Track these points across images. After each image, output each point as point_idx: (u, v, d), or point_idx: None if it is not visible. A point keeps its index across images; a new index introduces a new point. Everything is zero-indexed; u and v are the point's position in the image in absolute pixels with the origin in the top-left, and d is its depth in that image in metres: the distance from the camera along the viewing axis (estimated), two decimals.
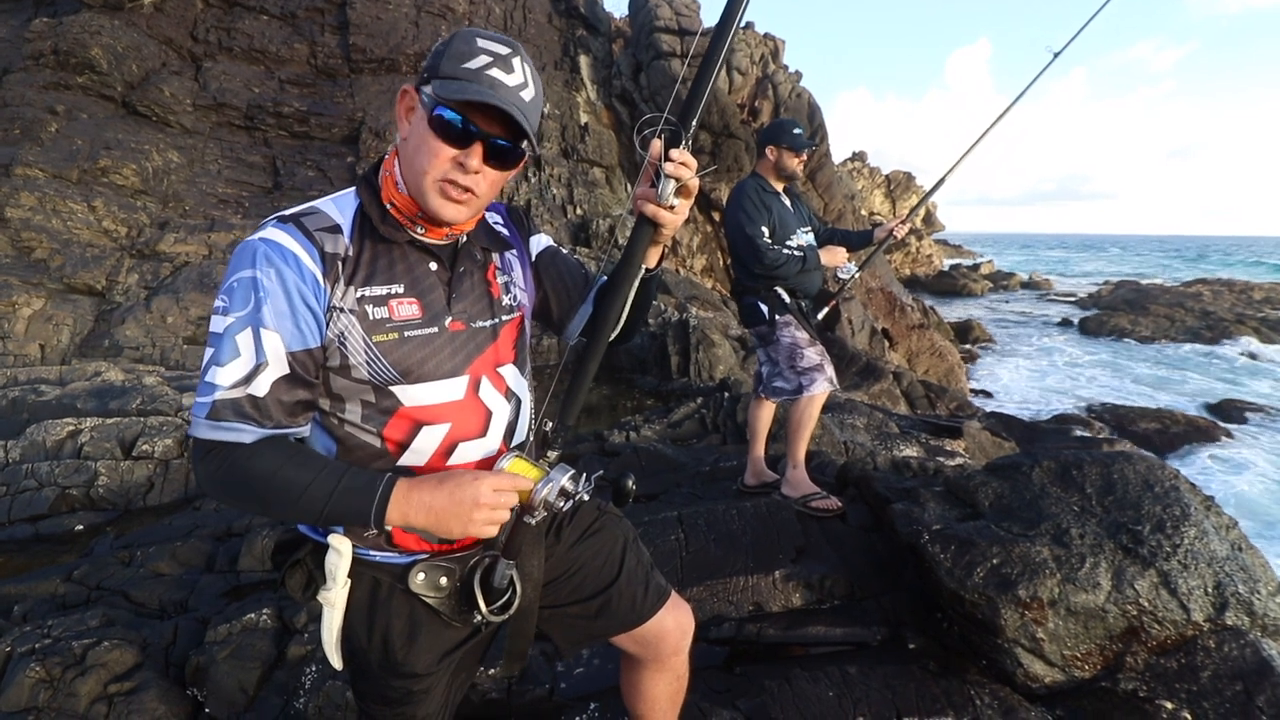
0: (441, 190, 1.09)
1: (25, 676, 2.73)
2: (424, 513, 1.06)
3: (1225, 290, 29.72)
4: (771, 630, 2.57)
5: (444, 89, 1.05)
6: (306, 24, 15.95)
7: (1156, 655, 2.12)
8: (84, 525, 5.81)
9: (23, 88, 12.79)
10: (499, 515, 1.09)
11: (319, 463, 1.08)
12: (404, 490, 1.06)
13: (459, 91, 1.04)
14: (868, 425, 5.47)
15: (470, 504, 1.05)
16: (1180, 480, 2.49)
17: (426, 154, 1.08)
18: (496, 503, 1.07)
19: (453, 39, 1.09)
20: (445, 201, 1.10)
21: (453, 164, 1.08)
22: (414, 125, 1.10)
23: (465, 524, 1.06)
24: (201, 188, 13.73)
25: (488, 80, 1.06)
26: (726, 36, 1.13)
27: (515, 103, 1.07)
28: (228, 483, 1.05)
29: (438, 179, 1.09)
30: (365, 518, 1.06)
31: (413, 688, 1.27)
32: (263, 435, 1.06)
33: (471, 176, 1.09)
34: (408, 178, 1.13)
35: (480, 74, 1.06)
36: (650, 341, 11.11)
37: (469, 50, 1.06)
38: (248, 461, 1.04)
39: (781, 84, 19.16)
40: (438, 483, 1.08)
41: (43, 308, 10.48)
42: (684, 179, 1.12)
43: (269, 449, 1.06)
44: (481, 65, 1.06)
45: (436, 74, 1.07)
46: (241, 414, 1.04)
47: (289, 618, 3.03)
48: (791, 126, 3.29)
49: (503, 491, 1.09)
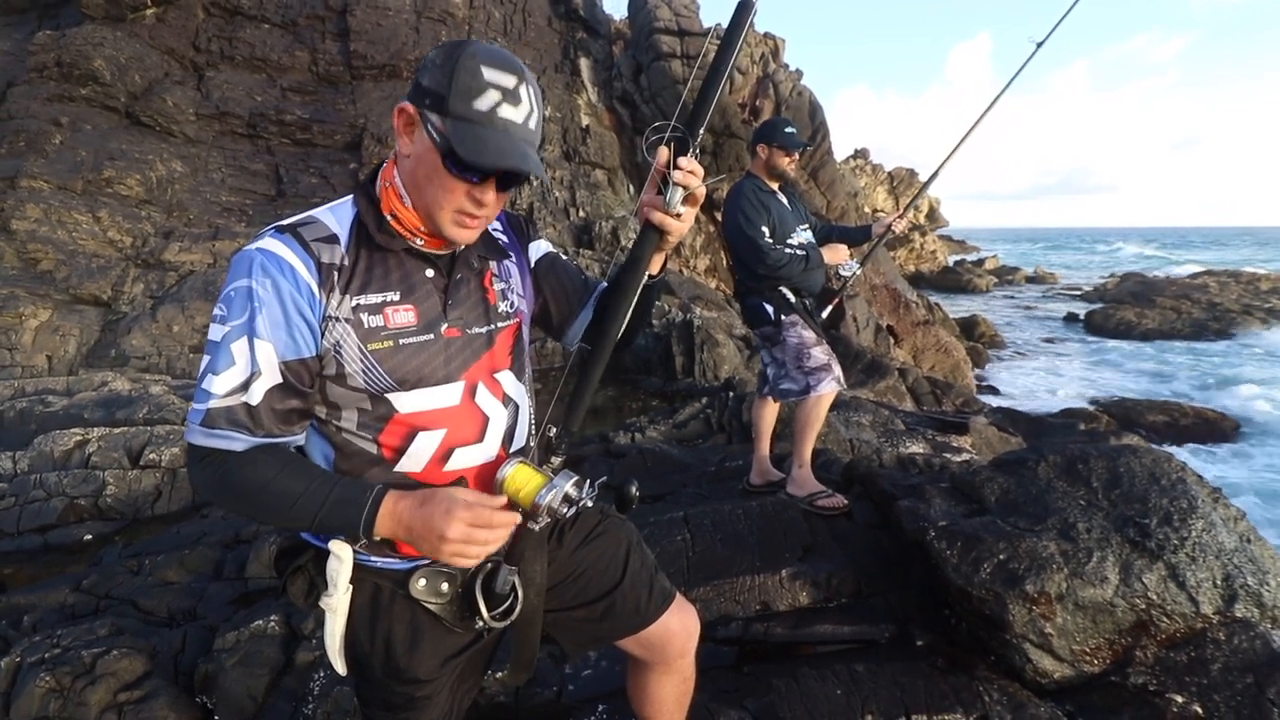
0: (457, 221, 1.12)
1: (35, 686, 2.74)
2: (406, 528, 1.07)
3: (1231, 281, 29.53)
4: (779, 629, 2.57)
5: (458, 137, 1.03)
6: (307, 32, 16.00)
7: (1166, 649, 2.11)
8: (92, 535, 5.83)
9: (27, 100, 12.86)
10: (469, 552, 1.07)
11: (312, 473, 1.09)
12: (390, 504, 1.07)
13: (476, 154, 1.02)
14: (873, 422, 5.45)
15: (437, 538, 1.05)
16: (1187, 472, 2.48)
17: (440, 189, 1.09)
18: (465, 541, 1.05)
19: (457, 65, 1.03)
20: (460, 230, 1.13)
21: (468, 198, 1.10)
22: (419, 149, 1.09)
23: (434, 553, 1.07)
24: (205, 196, 13.78)
25: (500, 124, 1.05)
26: (734, 48, 1.13)
27: (525, 141, 1.08)
28: (220, 489, 1.08)
29: (453, 211, 1.11)
30: (355, 529, 1.07)
31: (415, 693, 1.28)
32: (255, 444, 1.07)
33: (487, 207, 1.12)
34: (415, 200, 1.13)
35: (493, 117, 1.04)
36: (655, 342, 11.11)
37: (476, 85, 1.03)
38: (240, 469, 1.06)
39: (782, 83, 19.13)
40: (420, 503, 1.07)
41: (49, 319, 10.53)
42: (692, 187, 1.13)
43: (262, 457, 1.07)
44: (492, 105, 1.04)
45: (444, 110, 1.04)
46: (235, 422, 1.05)
47: (297, 624, 3.04)
48: (784, 125, 3.28)
49: (474, 534, 1.06)
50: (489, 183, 1.10)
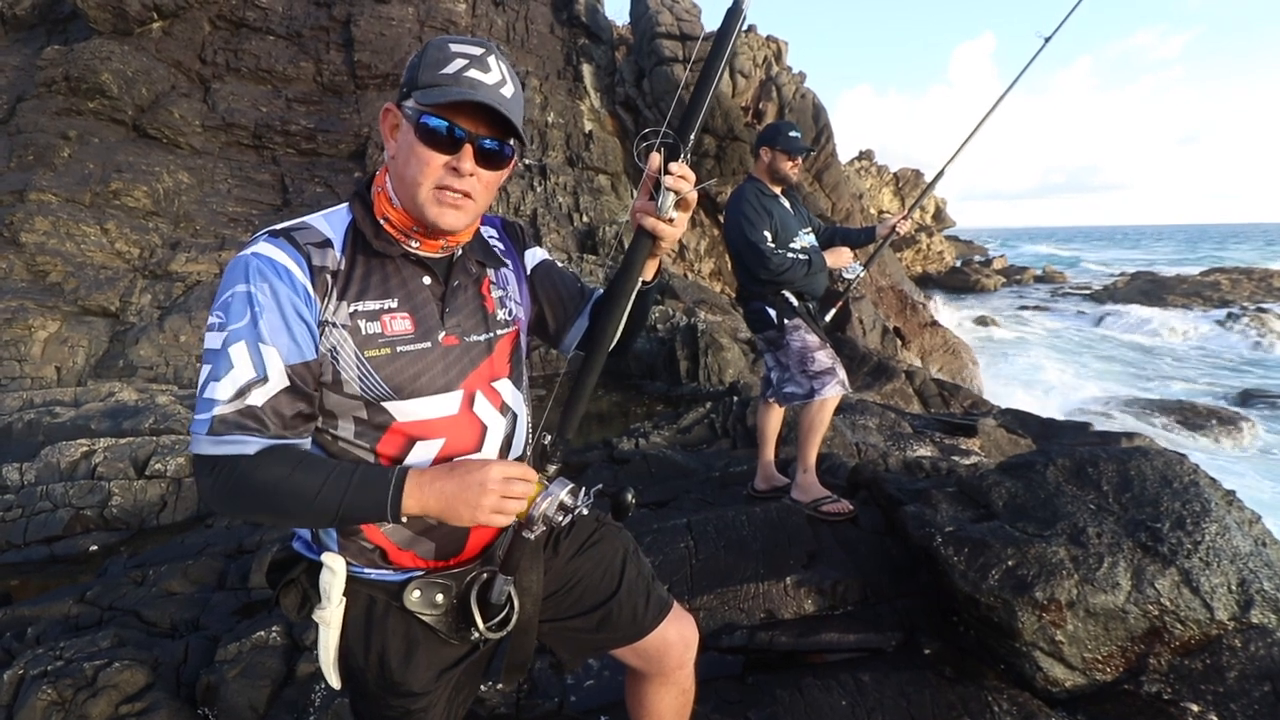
0: (438, 198, 1.10)
1: (37, 699, 2.73)
2: (436, 498, 1.05)
3: (1244, 278, 29.25)
4: (784, 638, 2.53)
5: (425, 97, 1.06)
6: (312, 43, 16.12)
7: (1180, 656, 2.06)
8: (98, 545, 5.86)
9: (36, 115, 13.00)
10: (508, 505, 1.07)
11: (328, 465, 1.08)
12: (416, 478, 1.06)
13: (441, 96, 1.05)
14: (880, 426, 5.40)
15: (478, 488, 1.04)
16: (1200, 474, 2.43)
17: (417, 164, 1.08)
18: (505, 490, 1.05)
19: (426, 49, 1.10)
20: (443, 209, 1.11)
21: (446, 170, 1.09)
22: (401, 140, 1.11)
23: (474, 510, 1.04)
24: (212, 207, 13.88)
25: (467, 81, 1.07)
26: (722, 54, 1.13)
27: (497, 100, 1.08)
28: (235, 495, 1.04)
29: (432, 187, 1.09)
30: (383, 509, 1.05)
31: (411, 706, 1.25)
32: (266, 445, 1.05)
33: (466, 180, 1.10)
34: (400, 192, 1.13)
35: (459, 76, 1.07)
36: (659, 346, 11.08)
37: (443, 56, 1.08)
38: (254, 472, 1.03)
39: (785, 85, 19.14)
40: (449, 469, 1.07)
41: (58, 330, 10.61)
42: (683, 192, 1.12)
43: (274, 458, 1.05)
44: (459, 68, 1.07)
45: (415, 85, 1.08)
46: (243, 426, 1.03)
47: (298, 635, 3.02)
48: (788, 129, 3.25)
49: (512, 480, 1.06)
50: (465, 151, 1.09)
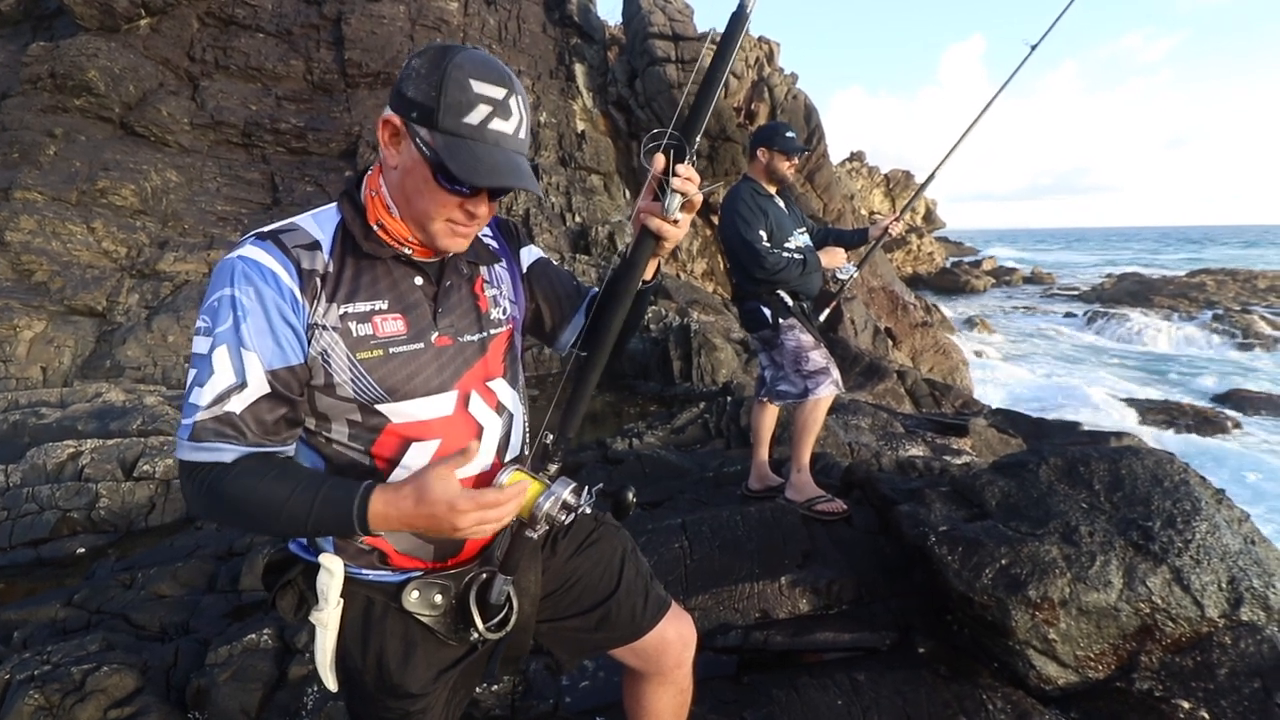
0: (451, 230, 1.10)
1: (24, 704, 2.70)
2: (407, 528, 1.03)
3: (1229, 280, 29.59)
4: (779, 637, 2.53)
5: (449, 156, 1.01)
6: (302, 40, 16.00)
7: (1171, 653, 2.08)
8: (85, 548, 5.78)
9: (21, 111, 12.85)
10: (486, 531, 1.04)
11: (299, 474, 1.06)
12: (382, 496, 1.01)
13: (471, 172, 1.01)
14: (872, 425, 5.42)
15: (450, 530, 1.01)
16: (1190, 474, 2.45)
17: (431, 203, 1.07)
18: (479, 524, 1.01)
19: (445, 78, 1.01)
20: (453, 239, 1.12)
21: (460, 210, 1.08)
22: (408, 163, 1.06)
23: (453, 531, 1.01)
24: (200, 206, 13.76)
25: (492, 138, 1.03)
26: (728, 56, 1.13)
27: (517, 153, 1.07)
28: (212, 503, 1.03)
29: (445, 220, 1.09)
30: (348, 526, 1.02)
31: (409, 708, 1.24)
32: (244, 453, 1.04)
33: (479, 218, 1.11)
34: (405, 211, 1.11)
35: (484, 131, 1.03)
36: (652, 346, 11.08)
37: (467, 100, 1.01)
38: (230, 480, 1.02)
39: (777, 86, 19.18)
40: (415, 502, 1.00)
41: (44, 330, 10.50)
42: (690, 194, 1.13)
43: (250, 466, 1.03)
44: (482, 118, 1.02)
45: (433, 124, 1.01)
46: (222, 434, 1.02)
47: (290, 638, 3.00)
48: (785, 130, 3.26)
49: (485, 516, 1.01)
50: (481, 195, 1.08)
